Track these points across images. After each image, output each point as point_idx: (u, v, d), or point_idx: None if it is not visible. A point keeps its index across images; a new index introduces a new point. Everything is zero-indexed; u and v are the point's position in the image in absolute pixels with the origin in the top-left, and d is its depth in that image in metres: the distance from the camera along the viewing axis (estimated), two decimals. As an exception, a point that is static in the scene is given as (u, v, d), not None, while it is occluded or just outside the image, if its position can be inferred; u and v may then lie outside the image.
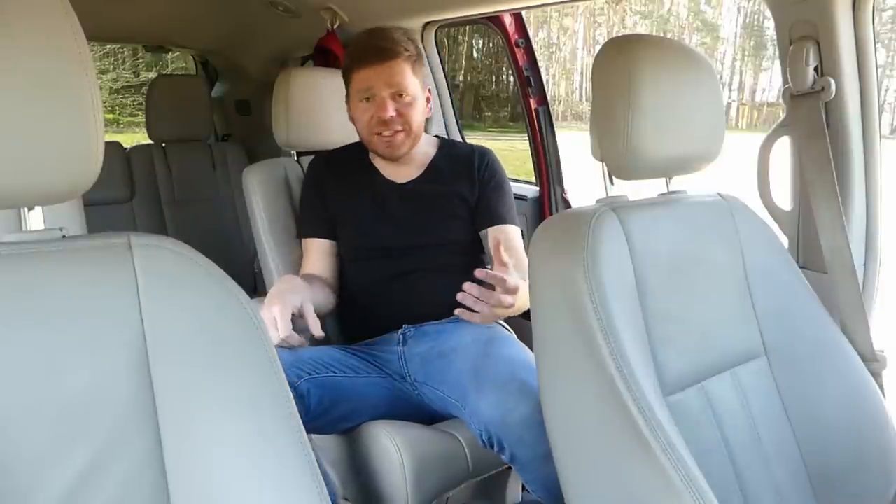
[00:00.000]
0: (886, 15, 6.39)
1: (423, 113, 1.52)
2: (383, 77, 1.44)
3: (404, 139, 1.49)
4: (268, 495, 0.62)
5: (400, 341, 1.45)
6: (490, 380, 1.22)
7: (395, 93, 1.45)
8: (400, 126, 1.47)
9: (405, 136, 1.49)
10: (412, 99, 1.47)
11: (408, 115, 1.47)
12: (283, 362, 1.22)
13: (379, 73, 1.44)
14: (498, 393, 1.19)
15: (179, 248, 0.66)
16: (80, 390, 0.59)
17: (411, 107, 1.47)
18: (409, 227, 1.50)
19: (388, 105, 1.45)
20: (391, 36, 1.46)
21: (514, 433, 1.16)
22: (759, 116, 25.40)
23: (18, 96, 0.55)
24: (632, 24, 27.13)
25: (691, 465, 0.76)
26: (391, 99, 1.45)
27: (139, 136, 5.86)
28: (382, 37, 1.46)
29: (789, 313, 1.03)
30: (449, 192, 1.53)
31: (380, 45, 1.44)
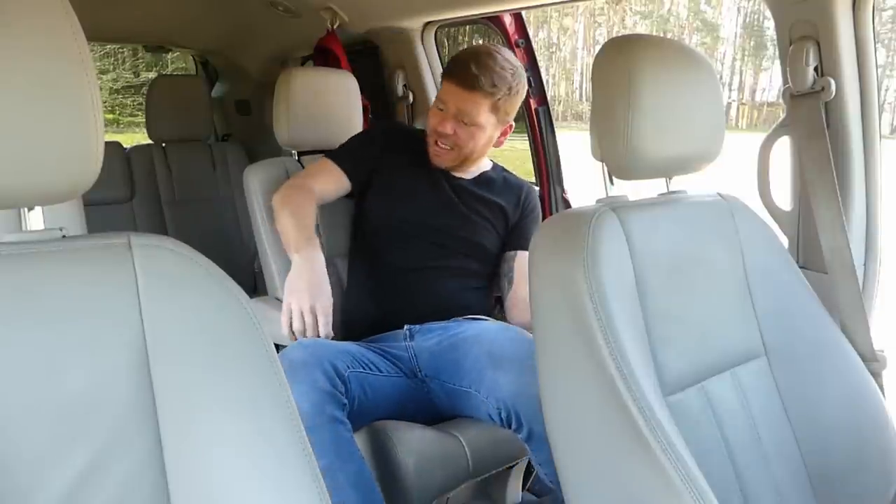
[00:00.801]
0: (886, 15, 6.39)
1: (486, 144, 1.56)
2: (458, 100, 1.49)
3: (448, 155, 1.56)
4: (268, 495, 0.62)
5: (406, 337, 1.45)
6: (508, 358, 1.27)
7: (462, 118, 1.50)
8: (450, 145, 1.54)
9: (450, 154, 1.55)
10: (476, 129, 1.51)
11: (463, 139, 1.52)
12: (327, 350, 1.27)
13: (455, 95, 1.49)
14: (517, 369, 1.24)
15: (179, 248, 0.66)
16: (80, 390, 0.59)
17: (470, 135, 1.51)
18: (452, 215, 1.57)
19: (448, 123, 1.51)
20: (490, 65, 1.47)
21: (532, 406, 1.18)
22: (759, 116, 25.41)
23: (18, 96, 0.55)
24: (632, 24, 27.13)
25: (691, 465, 0.76)
26: (454, 119, 1.50)
27: (139, 136, 5.86)
28: (482, 62, 1.47)
29: (789, 313, 1.03)
30: (494, 202, 1.61)
31: (471, 71, 1.46)
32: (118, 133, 10.21)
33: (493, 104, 1.49)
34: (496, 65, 1.47)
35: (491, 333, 1.36)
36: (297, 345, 1.30)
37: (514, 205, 1.64)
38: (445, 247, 1.55)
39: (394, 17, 1.94)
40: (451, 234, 1.55)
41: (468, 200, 1.60)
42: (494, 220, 1.60)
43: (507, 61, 1.50)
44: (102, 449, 0.60)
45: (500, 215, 1.61)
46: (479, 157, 1.61)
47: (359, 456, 1.20)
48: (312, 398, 1.17)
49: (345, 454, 1.17)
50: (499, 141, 1.59)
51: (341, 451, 1.17)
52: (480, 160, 1.64)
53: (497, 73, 1.47)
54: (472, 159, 1.59)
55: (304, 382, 1.18)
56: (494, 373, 1.25)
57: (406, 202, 1.58)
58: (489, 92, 1.47)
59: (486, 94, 1.47)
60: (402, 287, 1.52)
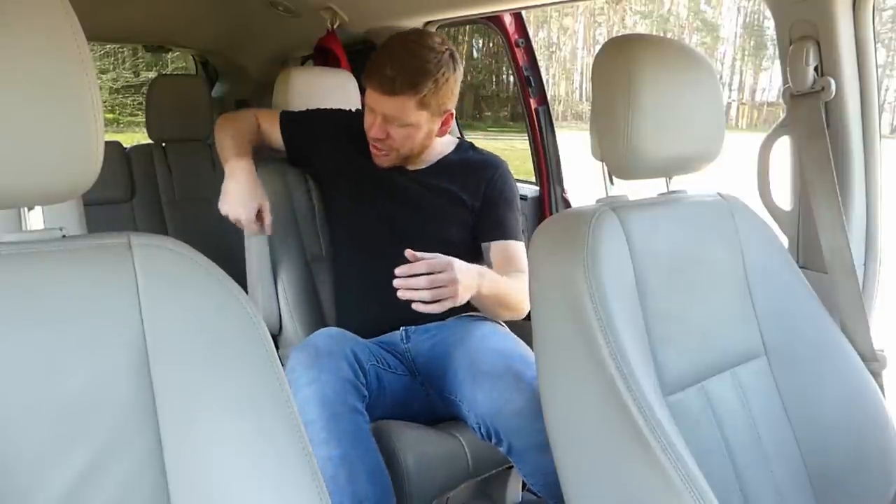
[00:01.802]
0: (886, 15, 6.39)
1: (427, 137, 1.47)
2: (382, 106, 1.40)
3: (387, 156, 1.48)
4: (268, 495, 0.62)
5: (403, 338, 1.45)
6: (485, 372, 1.24)
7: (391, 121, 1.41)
8: (386, 149, 1.46)
9: (389, 155, 1.48)
10: (410, 129, 1.42)
11: (399, 140, 1.44)
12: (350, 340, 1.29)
13: (378, 101, 1.40)
14: (493, 384, 1.22)
15: (179, 248, 0.66)
16: (80, 390, 0.59)
17: (406, 135, 1.43)
18: (407, 214, 1.50)
19: (379, 128, 1.43)
20: (409, 65, 1.36)
21: (510, 423, 1.18)
22: (759, 116, 25.42)
23: (18, 96, 0.55)
24: (632, 24, 27.14)
25: (691, 465, 0.76)
26: (385, 122, 1.42)
27: (139, 135, 5.86)
28: (399, 62, 1.36)
29: (789, 313, 1.03)
30: (450, 192, 1.51)
31: (387, 76, 1.36)
32: (118, 133, 10.21)
33: (420, 101, 1.38)
34: (414, 60, 1.36)
35: (475, 342, 1.34)
36: (322, 332, 1.32)
37: (472, 191, 1.51)
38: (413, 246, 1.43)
39: (394, 17, 1.94)
40: (416, 234, 1.46)
41: (423, 195, 1.51)
42: (453, 210, 1.50)
43: (427, 51, 1.37)
44: (102, 449, 0.60)
45: (458, 204, 1.50)
46: (423, 151, 1.51)
47: (375, 449, 1.20)
48: (336, 386, 1.17)
49: (363, 446, 1.18)
50: (441, 130, 1.48)
51: (360, 443, 1.17)
52: (431, 150, 1.53)
53: (416, 70, 1.35)
54: (416, 154, 1.50)
55: (329, 370, 1.18)
56: (472, 388, 1.25)
57: (363, 203, 1.52)
58: (411, 93, 1.36)
59: (408, 96, 1.37)
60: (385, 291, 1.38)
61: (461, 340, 1.36)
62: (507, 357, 1.28)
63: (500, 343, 1.35)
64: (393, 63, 1.36)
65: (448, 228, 1.50)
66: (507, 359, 1.27)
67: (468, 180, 1.52)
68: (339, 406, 1.16)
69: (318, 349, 1.22)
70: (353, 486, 1.14)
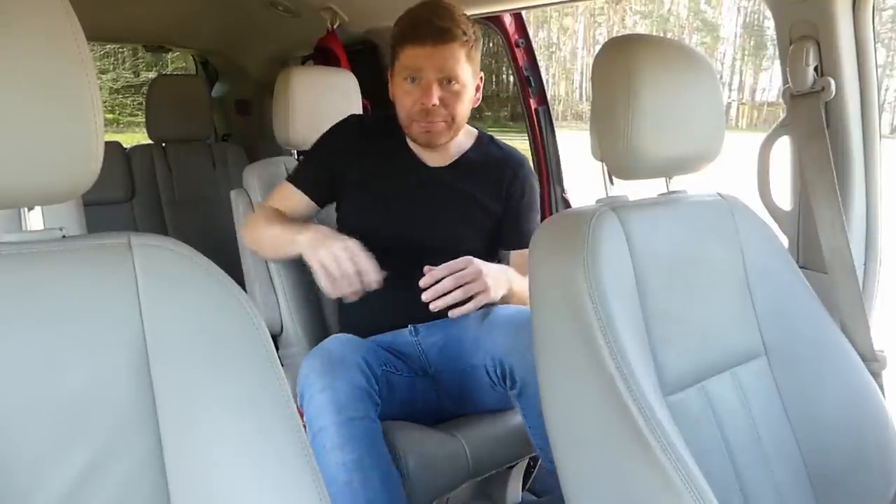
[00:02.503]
0: (886, 15, 6.39)
1: (471, 103, 1.41)
2: (435, 60, 1.32)
3: (444, 130, 1.39)
4: (268, 495, 0.62)
5: (412, 333, 1.43)
6: (502, 319, 1.27)
7: (445, 79, 1.34)
8: (443, 117, 1.37)
9: (446, 128, 1.39)
10: (462, 88, 1.35)
11: (454, 105, 1.36)
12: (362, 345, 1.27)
13: (431, 56, 1.31)
14: (510, 325, 1.24)
15: (179, 248, 0.66)
16: (80, 390, 0.59)
17: (459, 97, 1.36)
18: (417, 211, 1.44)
19: (433, 92, 1.33)
20: (452, 14, 1.33)
21: (525, 359, 1.17)
22: (759, 116, 25.42)
23: (18, 96, 0.55)
24: (632, 24, 27.14)
25: (691, 465, 0.76)
26: (438, 85, 1.34)
27: (139, 136, 5.86)
28: (442, 13, 1.32)
29: (789, 313, 1.03)
30: (471, 196, 1.45)
31: (437, 24, 1.30)
32: (118, 133, 10.21)
33: (468, 52, 1.34)
34: (451, 10, 1.34)
35: (489, 308, 1.34)
36: (333, 338, 1.31)
37: (493, 194, 1.46)
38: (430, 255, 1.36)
39: (394, 17, 1.93)
40: (428, 233, 1.43)
41: (441, 194, 1.44)
42: (471, 214, 1.44)
43: (454, 6, 1.36)
44: (102, 449, 0.60)
45: (478, 209, 1.45)
46: (462, 126, 1.44)
47: (388, 455, 1.20)
48: (349, 393, 1.17)
49: (376, 452, 1.17)
50: (476, 98, 1.43)
51: (374, 449, 1.17)
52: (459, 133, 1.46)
53: (457, 18, 1.33)
54: (460, 128, 1.43)
55: (342, 377, 1.18)
56: (489, 331, 1.27)
57: (379, 212, 1.46)
58: (462, 38, 1.32)
59: (461, 42, 1.32)
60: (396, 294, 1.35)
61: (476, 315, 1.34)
62: (522, 311, 1.28)
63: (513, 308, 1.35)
64: (440, 15, 1.32)
65: (464, 231, 1.45)
66: (522, 312, 1.27)
67: (489, 181, 1.47)
68: (352, 412, 1.16)
69: (331, 355, 1.21)
70: (367, 491, 1.13)
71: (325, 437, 1.15)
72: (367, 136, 1.49)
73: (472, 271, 1.24)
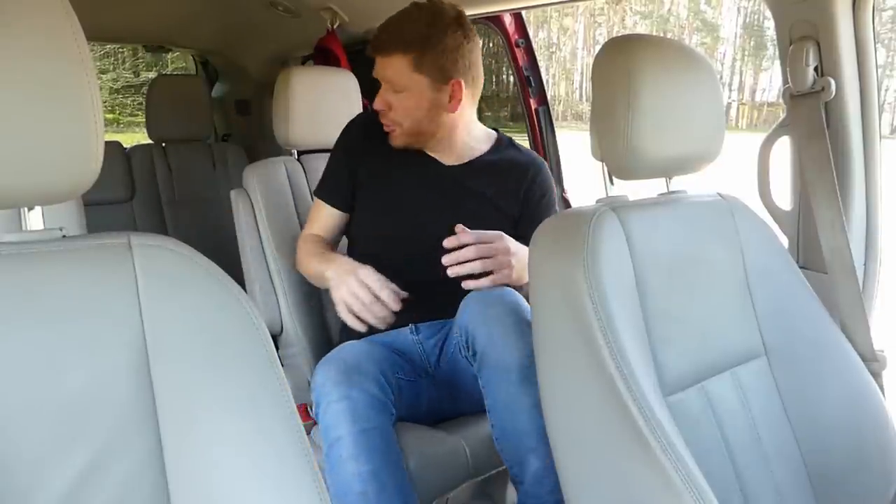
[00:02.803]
0: (886, 15, 6.39)
1: (431, 110, 1.38)
2: (379, 70, 1.38)
3: (399, 134, 1.41)
4: (268, 495, 0.62)
5: (413, 332, 1.42)
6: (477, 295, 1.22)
7: (391, 87, 1.37)
8: (391, 121, 1.40)
9: (400, 132, 1.41)
10: (405, 97, 1.36)
11: (398, 111, 1.38)
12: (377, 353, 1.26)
13: (380, 64, 1.38)
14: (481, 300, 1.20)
15: (179, 248, 0.66)
16: (80, 390, 0.59)
17: (405, 106, 1.37)
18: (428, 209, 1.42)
19: (378, 97, 1.39)
20: (399, 25, 1.35)
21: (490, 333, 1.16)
22: (759, 116, 25.42)
23: (18, 96, 0.55)
24: (632, 24, 27.14)
25: (691, 465, 0.76)
26: (385, 91, 1.39)
27: (139, 136, 5.86)
28: (391, 24, 1.36)
29: (789, 313, 1.03)
30: (485, 196, 1.43)
31: (379, 38, 1.36)
32: (118, 133, 10.21)
33: (414, 62, 1.33)
34: (408, 18, 1.34)
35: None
36: (348, 345, 1.29)
37: (510, 197, 1.44)
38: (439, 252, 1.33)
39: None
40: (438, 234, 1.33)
41: (454, 193, 1.43)
42: (484, 216, 1.41)
43: (425, 12, 1.34)
44: (102, 449, 0.60)
45: (492, 210, 1.43)
46: (437, 129, 1.41)
47: (402, 465, 1.20)
48: (366, 402, 1.16)
49: (393, 462, 1.17)
50: (452, 105, 1.38)
51: (389, 459, 1.17)
52: (461, 141, 1.44)
53: (409, 28, 1.33)
54: (430, 133, 1.41)
55: (359, 387, 1.17)
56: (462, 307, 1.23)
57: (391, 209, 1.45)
58: (402, 49, 1.32)
59: (400, 54, 1.33)
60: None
61: None
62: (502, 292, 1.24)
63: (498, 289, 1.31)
64: (384, 26, 1.36)
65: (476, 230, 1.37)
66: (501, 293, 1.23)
67: (507, 184, 1.45)
68: (369, 422, 1.15)
69: (346, 364, 1.20)
70: (382, 502, 1.13)
71: (341, 447, 1.15)
72: (379, 134, 1.48)
73: (501, 247, 1.22)
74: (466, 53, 1.36)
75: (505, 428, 1.18)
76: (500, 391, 1.17)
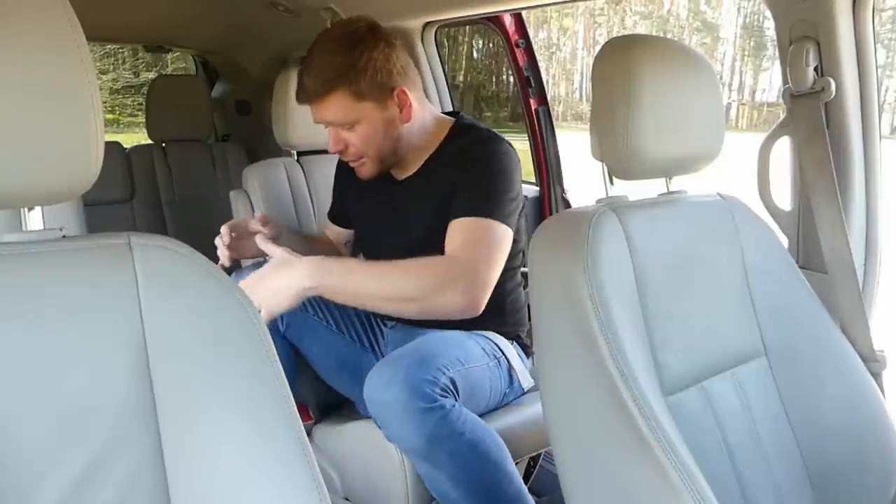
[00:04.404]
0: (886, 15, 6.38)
1: (389, 127, 1.31)
2: (322, 115, 1.31)
3: (369, 164, 1.36)
4: (268, 495, 0.62)
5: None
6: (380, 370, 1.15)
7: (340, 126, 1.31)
8: (356, 156, 1.35)
9: (370, 163, 1.35)
10: (362, 126, 1.29)
11: (360, 144, 1.32)
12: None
13: (317, 110, 1.30)
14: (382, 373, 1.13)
15: (179, 248, 0.66)
16: (81, 390, 0.59)
17: (363, 137, 1.30)
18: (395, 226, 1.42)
19: (331, 141, 1.33)
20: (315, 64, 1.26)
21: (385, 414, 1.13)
22: (759, 116, 25.41)
23: (18, 96, 0.55)
24: (632, 24, 27.12)
25: (691, 465, 0.76)
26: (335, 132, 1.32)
27: (139, 136, 5.86)
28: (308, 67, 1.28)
29: (789, 313, 1.03)
30: (435, 200, 1.32)
31: (307, 84, 1.27)
32: (118, 133, 10.20)
33: (351, 93, 1.25)
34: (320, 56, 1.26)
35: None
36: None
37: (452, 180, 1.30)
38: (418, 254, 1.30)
39: (393, 16, 1.94)
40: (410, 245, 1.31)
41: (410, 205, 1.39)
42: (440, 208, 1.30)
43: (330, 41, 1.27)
44: (102, 449, 0.60)
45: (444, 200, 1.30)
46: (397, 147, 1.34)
47: None
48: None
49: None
50: (404, 115, 1.31)
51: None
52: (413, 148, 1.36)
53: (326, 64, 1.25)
54: (394, 154, 1.35)
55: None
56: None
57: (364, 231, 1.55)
58: (333, 88, 1.25)
59: (334, 93, 1.25)
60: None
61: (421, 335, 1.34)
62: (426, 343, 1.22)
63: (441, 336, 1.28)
64: (306, 71, 1.28)
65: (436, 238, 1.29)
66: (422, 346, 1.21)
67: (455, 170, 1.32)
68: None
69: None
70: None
71: None
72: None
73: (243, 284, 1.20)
74: (395, 60, 1.29)
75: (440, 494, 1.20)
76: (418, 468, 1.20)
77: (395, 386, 1.10)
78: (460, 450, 1.13)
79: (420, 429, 1.10)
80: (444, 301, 1.17)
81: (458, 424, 1.13)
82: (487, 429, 1.19)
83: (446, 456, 1.13)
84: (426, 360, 1.15)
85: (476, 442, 1.15)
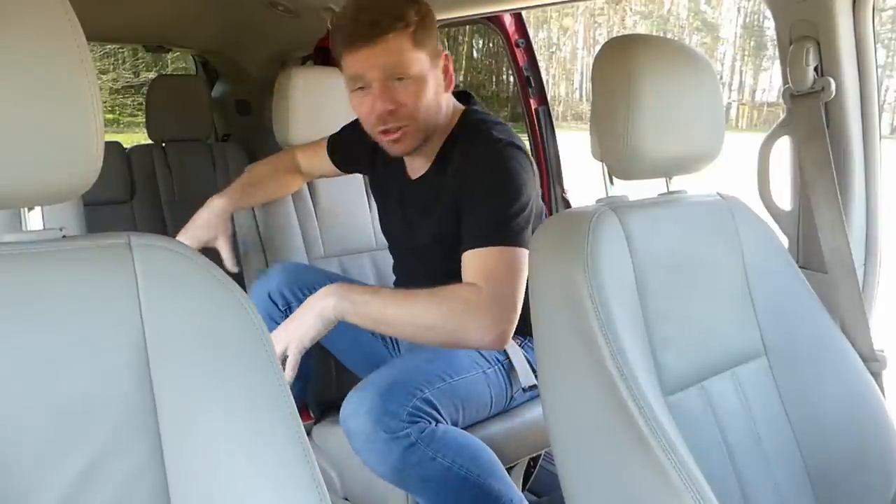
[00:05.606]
0: (886, 15, 6.39)
1: (436, 92, 1.19)
2: (375, 61, 1.14)
3: (412, 134, 1.21)
4: (268, 495, 0.62)
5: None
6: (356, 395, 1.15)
7: (393, 78, 1.16)
8: (404, 122, 1.19)
9: (413, 131, 1.20)
10: (417, 82, 1.16)
11: (412, 104, 1.17)
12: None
13: (368, 58, 1.14)
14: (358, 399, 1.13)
15: (179, 248, 0.66)
16: (80, 390, 0.59)
17: (415, 94, 1.16)
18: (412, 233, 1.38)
19: (379, 99, 1.16)
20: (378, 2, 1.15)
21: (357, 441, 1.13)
22: (759, 116, 25.42)
23: (18, 96, 0.55)
24: (632, 24, 27.13)
25: (691, 465, 0.76)
26: (387, 87, 1.16)
27: (139, 136, 5.86)
28: (367, 5, 1.15)
29: (789, 313, 1.03)
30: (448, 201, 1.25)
31: (366, 19, 1.12)
32: (118, 133, 10.20)
33: (414, 38, 1.14)
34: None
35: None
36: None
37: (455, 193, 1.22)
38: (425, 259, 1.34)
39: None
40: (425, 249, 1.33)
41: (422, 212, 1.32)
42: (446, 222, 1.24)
43: None
44: (102, 449, 0.60)
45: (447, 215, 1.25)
46: (436, 119, 1.22)
47: None
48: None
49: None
50: (447, 83, 1.22)
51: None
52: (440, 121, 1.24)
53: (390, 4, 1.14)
54: (432, 126, 1.23)
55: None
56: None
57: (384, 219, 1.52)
58: (398, 25, 1.12)
59: (399, 30, 1.12)
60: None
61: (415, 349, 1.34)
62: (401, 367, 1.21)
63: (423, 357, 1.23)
64: (362, 9, 1.14)
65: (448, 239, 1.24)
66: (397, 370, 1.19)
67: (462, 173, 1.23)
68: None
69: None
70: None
71: None
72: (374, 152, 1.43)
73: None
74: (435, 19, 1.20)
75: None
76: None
77: (360, 417, 1.11)
78: (431, 474, 1.12)
79: (386, 458, 1.10)
80: (472, 333, 1.11)
81: (427, 451, 1.11)
82: (469, 446, 1.16)
83: (418, 481, 1.14)
84: (397, 385, 1.13)
85: (448, 466, 1.13)
